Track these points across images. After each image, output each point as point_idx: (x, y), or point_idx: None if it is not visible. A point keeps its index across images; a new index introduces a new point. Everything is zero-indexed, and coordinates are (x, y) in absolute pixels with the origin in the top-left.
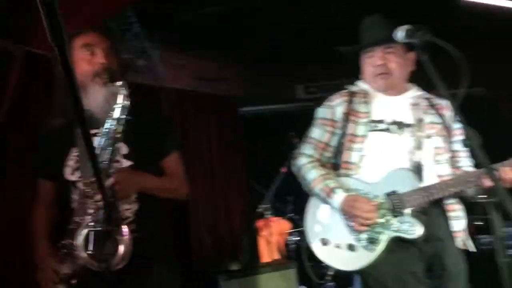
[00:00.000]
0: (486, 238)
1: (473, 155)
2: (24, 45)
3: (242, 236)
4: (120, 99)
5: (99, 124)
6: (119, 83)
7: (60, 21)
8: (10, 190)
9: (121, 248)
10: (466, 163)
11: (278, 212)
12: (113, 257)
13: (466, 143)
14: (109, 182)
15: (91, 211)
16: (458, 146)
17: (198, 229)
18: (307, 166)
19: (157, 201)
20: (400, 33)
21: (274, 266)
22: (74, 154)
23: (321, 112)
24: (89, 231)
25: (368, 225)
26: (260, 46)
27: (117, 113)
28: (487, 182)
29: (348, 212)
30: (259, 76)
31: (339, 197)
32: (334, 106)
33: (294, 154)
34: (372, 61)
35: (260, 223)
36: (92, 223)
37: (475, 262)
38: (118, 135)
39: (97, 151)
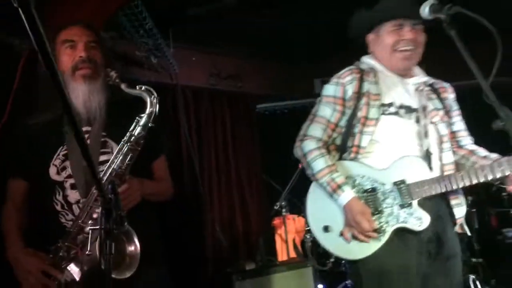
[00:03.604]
0: (511, 232)
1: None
2: (29, 42)
3: (259, 235)
4: (148, 106)
5: (83, 122)
6: (144, 87)
7: None
8: None
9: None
10: (468, 141)
11: (295, 210)
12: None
13: (499, 124)
14: (122, 188)
15: (95, 215)
16: (458, 126)
17: (213, 228)
18: (314, 153)
19: (144, 204)
20: (425, 9)
21: (290, 265)
22: (61, 153)
23: (331, 89)
24: (98, 232)
25: (356, 239)
26: (275, 41)
27: (144, 119)
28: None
29: (348, 217)
30: (276, 72)
31: (345, 196)
32: (346, 84)
33: (299, 136)
34: (400, 33)
35: (276, 221)
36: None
37: (500, 256)
38: (142, 141)
39: (117, 156)
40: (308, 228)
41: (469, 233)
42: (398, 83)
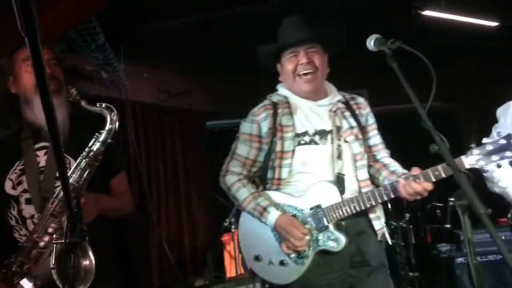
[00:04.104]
0: (445, 247)
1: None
2: None
3: (207, 251)
4: (108, 123)
5: (47, 137)
6: (104, 104)
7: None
8: None
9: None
10: (383, 154)
11: None
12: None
13: (435, 148)
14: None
15: (51, 230)
16: (374, 141)
17: (160, 244)
18: (237, 185)
19: (99, 219)
20: (370, 42)
21: (238, 281)
22: (18, 168)
23: (247, 127)
24: (57, 246)
25: (295, 251)
26: (226, 59)
27: (103, 136)
28: (404, 193)
29: (281, 234)
30: (226, 89)
31: (272, 216)
32: (260, 121)
33: (222, 171)
34: (297, 59)
35: (225, 238)
36: (59, 239)
37: (435, 270)
38: (100, 157)
39: (75, 171)
40: None
41: (390, 242)
42: (311, 108)
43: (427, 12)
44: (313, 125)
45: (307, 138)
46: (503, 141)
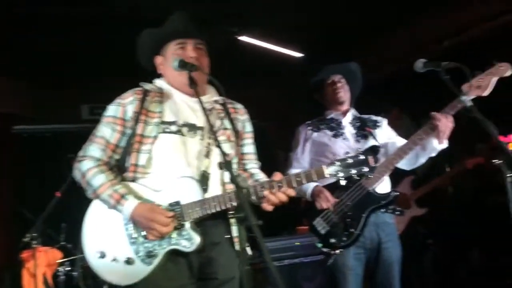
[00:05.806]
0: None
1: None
2: None
3: (4, 270)
4: None
5: None
6: None
7: None
8: None
9: None
10: (253, 165)
11: (49, 241)
12: None
13: (221, 165)
14: None
15: None
16: (247, 149)
17: None
18: (94, 170)
19: None
20: (175, 64)
21: None
22: None
23: (112, 110)
24: None
25: (162, 237)
26: (41, 62)
27: None
28: (268, 198)
29: (142, 223)
30: (39, 93)
31: (130, 204)
32: (126, 104)
33: (78, 157)
34: (186, 53)
35: (25, 254)
36: None
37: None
38: None
39: None
40: (61, 260)
41: (250, 252)
42: (185, 102)
43: (244, 38)
44: (184, 118)
45: (174, 128)
46: (362, 157)
